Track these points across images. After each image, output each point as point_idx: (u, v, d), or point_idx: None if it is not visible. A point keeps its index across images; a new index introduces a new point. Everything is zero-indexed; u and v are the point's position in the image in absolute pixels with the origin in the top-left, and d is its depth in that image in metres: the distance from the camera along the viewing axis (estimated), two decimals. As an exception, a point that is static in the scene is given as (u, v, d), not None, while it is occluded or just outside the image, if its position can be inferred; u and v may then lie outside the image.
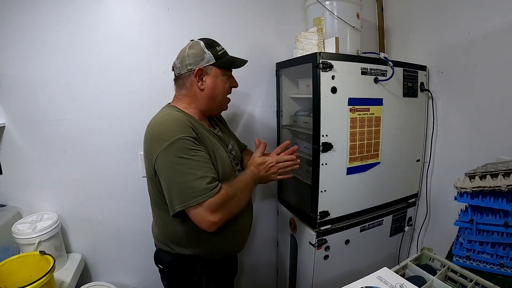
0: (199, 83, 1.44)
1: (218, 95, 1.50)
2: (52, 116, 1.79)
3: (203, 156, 1.28)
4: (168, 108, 1.47)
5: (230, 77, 1.56)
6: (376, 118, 1.89)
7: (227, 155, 1.51)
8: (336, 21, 1.90)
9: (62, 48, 1.75)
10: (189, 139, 1.25)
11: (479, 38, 1.87)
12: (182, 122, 1.31)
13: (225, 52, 1.51)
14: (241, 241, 1.63)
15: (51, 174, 1.85)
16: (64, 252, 1.84)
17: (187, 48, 1.47)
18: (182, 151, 1.23)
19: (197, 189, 1.20)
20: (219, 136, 1.55)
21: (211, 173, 1.26)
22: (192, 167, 1.22)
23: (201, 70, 1.42)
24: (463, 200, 1.46)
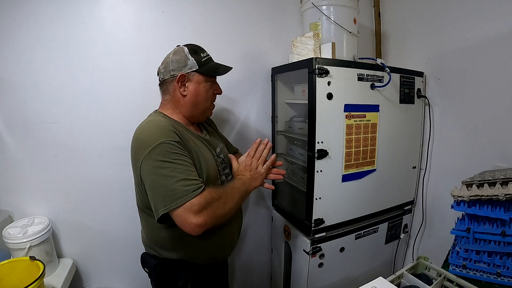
0: (182, 89, 1.44)
1: (201, 102, 1.50)
2: (44, 119, 1.76)
3: (186, 160, 1.27)
4: (154, 115, 1.49)
5: (214, 83, 1.56)
6: (372, 124, 1.87)
7: (213, 159, 1.51)
8: (333, 26, 1.88)
9: (55, 51, 1.72)
10: (171, 143, 1.26)
11: (476, 44, 1.86)
12: (165, 127, 1.32)
13: (209, 59, 1.51)
14: (228, 246, 1.62)
15: (43, 178, 1.81)
16: (55, 257, 1.80)
17: (171, 53, 1.48)
18: (164, 155, 1.23)
19: (179, 191, 1.20)
20: (206, 140, 1.56)
21: (193, 176, 1.26)
22: (174, 170, 1.22)
23: (183, 76, 1.42)
24: (460, 209, 1.43)
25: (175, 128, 1.34)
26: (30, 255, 1.55)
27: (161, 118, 1.40)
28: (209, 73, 1.48)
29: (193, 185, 1.22)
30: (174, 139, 1.27)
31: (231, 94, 2.16)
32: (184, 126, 1.46)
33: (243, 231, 2.41)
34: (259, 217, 2.49)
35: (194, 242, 1.40)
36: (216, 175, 1.48)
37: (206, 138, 1.57)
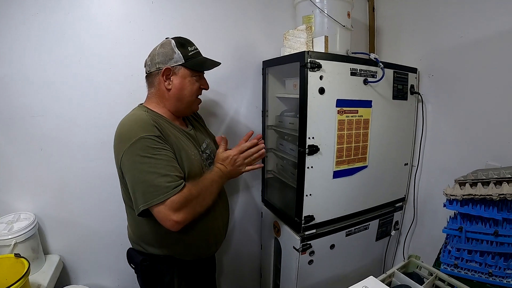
0: (166, 83, 1.42)
1: (186, 96, 1.47)
2: (28, 112, 1.71)
3: (166, 154, 1.27)
4: (137, 109, 1.47)
5: (201, 78, 1.54)
6: (364, 120, 1.85)
7: (198, 154, 1.49)
8: (326, 20, 1.84)
9: (40, 42, 1.67)
10: (152, 137, 1.25)
11: (471, 42, 1.85)
12: (145, 121, 1.30)
13: (197, 53, 1.49)
14: (214, 243, 1.60)
15: (28, 172, 1.77)
16: (42, 254, 1.76)
17: (158, 46, 1.45)
18: (145, 150, 1.22)
19: (159, 188, 1.20)
20: (190, 135, 1.54)
21: (174, 172, 1.26)
22: (154, 166, 1.22)
23: (168, 70, 1.40)
24: (452, 208, 1.43)
25: (156, 122, 1.32)
26: (16, 252, 1.52)
27: (143, 112, 1.38)
28: (194, 68, 1.46)
29: (173, 182, 1.22)
30: (155, 134, 1.26)
31: (221, 87, 2.12)
32: (168, 120, 1.45)
33: (233, 227, 2.40)
34: (249, 212, 2.47)
35: (180, 238, 1.39)
36: (200, 170, 1.46)
37: (191, 133, 1.56)
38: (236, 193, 2.39)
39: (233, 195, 2.38)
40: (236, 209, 2.41)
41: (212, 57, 1.52)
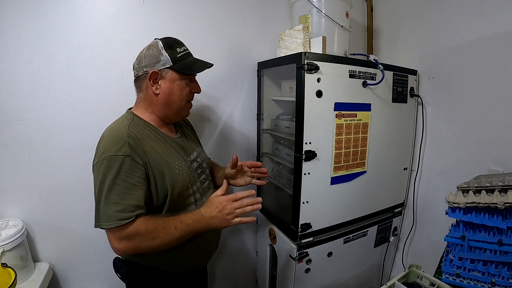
0: (154, 87, 1.35)
1: (175, 101, 1.39)
2: (15, 116, 1.65)
3: (128, 180, 1.18)
4: (123, 116, 1.40)
5: (192, 81, 1.46)
6: (363, 124, 1.80)
7: (185, 166, 1.42)
8: (324, 20, 1.79)
9: (28, 42, 1.61)
10: (118, 157, 1.18)
11: (473, 43, 1.80)
12: (120, 137, 1.22)
13: (186, 54, 1.41)
14: (204, 257, 1.56)
15: (16, 178, 1.71)
16: (31, 262, 1.71)
17: (145, 48, 1.39)
18: (107, 171, 1.16)
19: (107, 214, 1.14)
20: (178, 144, 1.46)
21: (129, 200, 1.16)
22: (110, 190, 1.16)
23: (155, 73, 1.33)
24: (455, 216, 1.38)
25: (135, 136, 1.25)
26: (3, 260, 1.48)
27: (125, 123, 1.29)
28: (183, 71, 1.38)
29: (122, 212, 1.14)
30: (125, 153, 1.18)
31: (214, 90, 2.07)
32: (154, 128, 1.39)
33: (227, 233, 2.35)
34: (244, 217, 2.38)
35: (166, 250, 1.30)
36: (187, 184, 1.39)
37: (178, 142, 1.48)
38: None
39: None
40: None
41: (205, 58, 1.46)
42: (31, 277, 1.67)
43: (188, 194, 1.41)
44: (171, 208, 1.33)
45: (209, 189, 1.59)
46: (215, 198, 1.34)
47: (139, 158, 1.21)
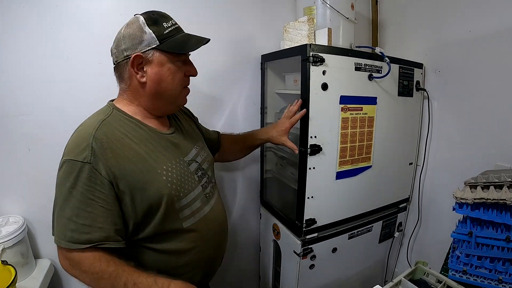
0: (138, 75, 1.12)
1: (166, 90, 1.16)
2: (15, 111, 1.62)
3: (85, 194, 0.98)
4: (103, 108, 1.21)
5: (186, 63, 1.22)
6: (369, 118, 1.77)
7: (180, 168, 1.20)
8: (329, 11, 1.76)
9: (27, 37, 1.58)
10: (77, 163, 0.99)
11: (480, 37, 1.77)
12: (83, 138, 1.03)
13: (175, 29, 1.16)
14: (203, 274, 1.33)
15: (16, 174, 1.69)
16: (32, 259, 1.69)
17: (123, 27, 1.14)
18: (65, 177, 1.00)
19: (59, 229, 0.99)
20: (171, 142, 1.24)
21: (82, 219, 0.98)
22: (65, 201, 0.99)
23: (139, 57, 1.09)
24: (462, 212, 1.35)
25: (105, 137, 1.04)
26: (4, 257, 1.45)
27: (98, 120, 1.09)
28: (174, 50, 1.13)
29: (73, 233, 0.97)
30: (85, 159, 0.98)
31: (217, 83, 2.04)
32: (139, 122, 1.16)
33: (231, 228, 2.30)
34: (247, 214, 2.40)
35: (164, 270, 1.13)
36: (179, 192, 1.16)
37: (170, 138, 1.25)
38: (234, 193, 2.31)
39: (231, 195, 2.30)
40: (234, 209, 2.34)
41: (208, 50, 1.39)
42: (32, 274, 1.65)
43: (181, 206, 1.17)
44: (159, 225, 1.11)
45: (213, 195, 1.36)
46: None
47: (102, 168, 1.00)
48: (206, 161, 1.39)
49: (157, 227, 1.11)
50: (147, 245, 1.13)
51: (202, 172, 1.33)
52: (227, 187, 2.26)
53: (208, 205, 1.29)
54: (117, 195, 1.04)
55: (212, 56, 1.95)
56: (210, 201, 1.32)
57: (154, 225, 1.10)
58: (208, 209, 1.28)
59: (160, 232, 1.12)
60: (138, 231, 1.11)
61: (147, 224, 1.10)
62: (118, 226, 1.04)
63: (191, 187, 1.22)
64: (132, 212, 1.06)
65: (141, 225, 1.10)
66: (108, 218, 1.01)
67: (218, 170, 2.15)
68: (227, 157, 1.83)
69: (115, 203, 1.03)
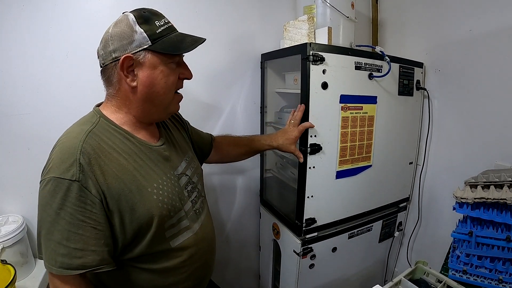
0: (128, 79, 1.02)
1: (159, 94, 1.06)
2: (14, 110, 1.62)
3: (75, 215, 0.90)
4: (89, 115, 1.11)
5: (180, 64, 1.12)
6: (369, 117, 1.76)
7: (170, 184, 1.12)
8: (329, 10, 1.75)
9: (27, 35, 1.57)
10: (64, 182, 0.90)
11: (481, 36, 1.76)
12: (70, 153, 0.93)
13: (168, 28, 1.06)
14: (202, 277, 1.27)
15: (15, 173, 1.68)
16: (31, 258, 1.68)
17: (111, 25, 1.04)
18: (50, 198, 0.90)
19: (48, 254, 0.92)
20: (162, 155, 1.15)
21: (73, 243, 0.90)
22: (53, 223, 0.90)
23: (129, 59, 0.99)
24: (462, 211, 1.34)
25: (92, 151, 0.95)
26: (4, 257, 1.44)
27: (83, 130, 1.00)
28: (167, 51, 1.03)
29: (65, 258, 0.90)
30: (72, 177, 0.89)
31: (216, 82, 2.03)
32: (128, 134, 1.07)
33: (230, 227, 2.33)
34: (246, 213, 2.39)
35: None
36: (168, 211, 1.08)
37: (160, 151, 1.16)
38: (234, 193, 2.31)
39: (231, 195, 2.30)
40: (234, 209, 2.33)
41: (207, 49, 1.37)
42: (31, 273, 1.64)
43: (170, 225, 1.10)
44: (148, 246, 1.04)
45: (202, 211, 1.28)
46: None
47: (93, 185, 0.92)
48: (196, 174, 1.32)
49: (144, 249, 1.04)
50: (134, 264, 1.06)
51: (192, 186, 1.25)
52: (227, 186, 2.26)
53: (198, 222, 1.22)
54: (107, 215, 0.96)
55: (212, 55, 1.95)
56: (200, 217, 1.24)
57: (142, 247, 1.04)
58: (198, 226, 1.20)
59: (148, 253, 1.06)
60: (126, 251, 1.04)
61: (136, 245, 1.04)
62: (110, 247, 0.98)
63: (181, 204, 1.14)
64: (121, 233, 0.99)
65: (129, 246, 1.03)
66: (101, 240, 0.94)
67: (217, 170, 2.15)
68: (225, 159, 1.78)
69: (106, 223, 0.96)
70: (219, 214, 2.27)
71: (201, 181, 1.36)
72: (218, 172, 2.17)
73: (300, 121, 1.59)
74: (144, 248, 1.04)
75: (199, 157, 1.56)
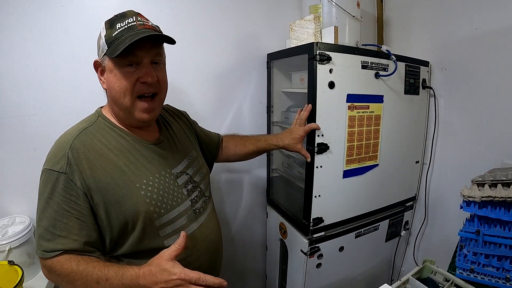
0: (101, 81, 1.12)
1: (116, 98, 1.08)
2: (21, 111, 1.62)
3: (61, 205, 0.96)
4: (90, 115, 1.20)
5: (141, 66, 1.07)
6: (376, 116, 1.76)
7: (164, 182, 1.14)
8: (335, 9, 1.75)
9: (33, 37, 1.58)
10: (53, 173, 0.98)
11: (487, 34, 1.75)
12: (61, 147, 1.02)
13: (129, 28, 1.03)
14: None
15: (22, 174, 1.68)
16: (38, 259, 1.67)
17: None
18: (43, 186, 1.00)
19: (36, 238, 1.01)
20: (157, 153, 1.18)
21: (57, 230, 0.96)
22: (43, 210, 0.98)
23: (97, 63, 1.11)
24: (469, 210, 1.34)
25: (82, 147, 1.02)
26: (11, 257, 1.44)
27: (79, 128, 1.09)
28: (110, 54, 1.02)
29: (48, 242, 0.96)
30: (60, 169, 0.97)
31: (222, 82, 2.03)
32: (122, 131, 1.13)
33: (237, 227, 2.34)
34: (253, 213, 2.39)
35: None
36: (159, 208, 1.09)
37: (156, 149, 1.19)
38: (240, 192, 2.31)
39: (237, 194, 2.30)
40: (240, 209, 2.34)
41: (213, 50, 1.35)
42: (39, 274, 1.63)
43: (162, 224, 1.10)
44: (138, 244, 1.06)
45: (204, 211, 1.27)
46: (165, 263, 0.93)
47: (78, 178, 0.98)
48: (199, 173, 1.32)
49: (135, 245, 1.06)
50: (130, 261, 1.07)
51: (193, 185, 1.26)
52: (233, 186, 2.26)
53: (196, 222, 1.21)
54: (92, 208, 1.01)
55: (218, 55, 1.96)
56: (200, 217, 1.23)
57: (131, 243, 1.06)
58: (196, 226, 1.20)
59: (139, 250, 1.07)
60: (116, 247, 1.07)
61: (124, 241, 1.06)
62: (93, 238, 1.01)
63: (176, 202, 1.15)
64: (108, 227, 1.03)
65: (118, 242, 1.06)
66: (83, 231, 0.99)
67: (223, 169, 2.16)
68: (231, 158, 1.80)
69: (90, 216, 1.01)
70: (225, 213, 2.27)
71: (205, 180, 1.36)
72: (224, 171, 2.18)
73: (306, 120, 1.60)
74: (135, 244, 1.07)
75: (207, 156, 1.59)
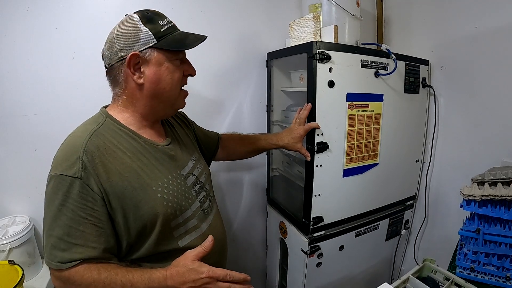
0: (135, 76, 1.04)
1: (165, 91, 1.09)
2: (21, 111, 1.62)
3: (76, 212, 0.92)
4: (96, 115, 1.14)
5: (184, 62, 1.15)
6: (375, 115, 1.75)
7: (177, 184, 1.14)
8: (334, 8, 1.74)
9: (33, 37, 1.58)
10: (66, 179, 0.92)
11: (487, 32, 1.75)
12: (73, 151, 0.96)
13: (172, 27, 1.10)
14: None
15: (23, 174, 1.69)
16: (39, 258, 1.68)
17: (116, 26, 1.07)
18: (53, 192, 0.93)
19: (48, 249, 0.93)
20: (168, 155, 1.17)
21: (74, 239, 0.92)
22: (54, 219, 0.92)
23: (136, 57, 1.02)
24: (469, 209, 1.35)
25: (96, 150, 0.98)
26: (11, 257, 1.44)
27: (89, 130, 1.02)
28: (172, 47, 1.06)
29: (64, 252, 0.91)
30: (75, 174, 0.92)
31: (222, 81, 2.03)
32: (133, 133, 1.10)
33: (237, 226, 2.34)
34: (253, 212, 2.39)
35: None
36: (175, 210, 1.09)
37: (167, 150, 1.18)
38: (240, 192, 2.31)
39: (237, 194, 2.30)
40: (240, 208, 2.34)
41: (213, 48, 1.37)
42: (39, 274, 1.64)
43: (176, 224, 1.11)
44: (154, 246, 1.06)
45: (211, 210, 1.29)
46: (192, 264, 1.00)
47: (94, 183, 0.94)
48: (203, 174, 1.33)
49: (151, 249, 1.05)
50: (144, 264, 1.07)
51: (200, 186, 1.26)
52: (233, 185, 2.26)
53: (206, 222, 1.23)
54: (109, 213, 0.98)
55: (218, 54, 1.96)
56: (208, 217, 1.25)
57: (148, 246, 1.05)
58: (206, 226, 1.21)
59: (154, 253, 1.06)
60: (132, 251, 1.05)
61: (141, 245, 1.05)
62: (111, 244, 0.99)
63: (188, 203, 1.16)
64: (125, 231, 1.01)
65: (135, 246, 1.05)
66: (102, 237, 0.96)
67: (223, 168, 2.16)
68: (231, 157, 1.80)
69: (108, 221, 0.98)
70: (226, 213, 2.26)
71: (208, 181, 1.37)
72: (224, 170, 2.18)
73: (306, 119, 1.60)
74: (151, 247, 1.05)
75: (206, 156, 1.59)
